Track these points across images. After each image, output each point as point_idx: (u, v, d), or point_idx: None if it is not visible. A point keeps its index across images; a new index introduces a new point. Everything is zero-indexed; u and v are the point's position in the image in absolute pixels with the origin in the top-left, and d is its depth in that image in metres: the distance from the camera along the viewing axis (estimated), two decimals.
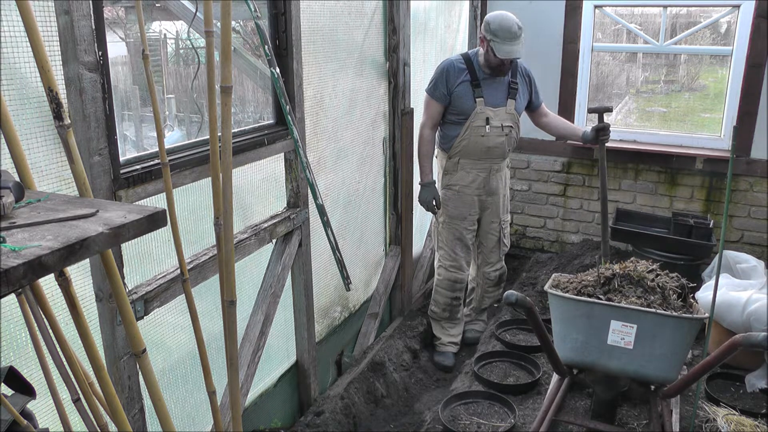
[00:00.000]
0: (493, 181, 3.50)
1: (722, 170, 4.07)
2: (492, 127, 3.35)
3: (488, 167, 3.47)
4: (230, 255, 1.70)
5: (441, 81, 3.35)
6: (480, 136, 3.36)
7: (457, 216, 3.53)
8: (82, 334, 1.29)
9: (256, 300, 2.57)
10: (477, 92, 3.33)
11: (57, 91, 1.26)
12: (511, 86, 3.41)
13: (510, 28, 3.14)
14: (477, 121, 3.34)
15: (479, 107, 3.33)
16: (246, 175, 2.46)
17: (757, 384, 3.03)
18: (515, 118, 3.44)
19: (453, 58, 3.42)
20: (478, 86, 3.33)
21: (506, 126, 3.39)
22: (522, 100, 3.47)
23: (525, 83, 3.49)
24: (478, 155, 3.42)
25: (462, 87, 3.33)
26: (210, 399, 1.78)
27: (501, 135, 3.39)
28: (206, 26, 1.58)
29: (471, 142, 3.38)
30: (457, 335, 3.80)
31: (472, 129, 3.35)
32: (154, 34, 5.15)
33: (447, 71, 3.34)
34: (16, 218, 1.03)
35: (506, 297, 2.21)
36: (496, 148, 3.41)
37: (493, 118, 3.35)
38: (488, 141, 3.38)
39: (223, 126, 1.65)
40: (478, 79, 3.34)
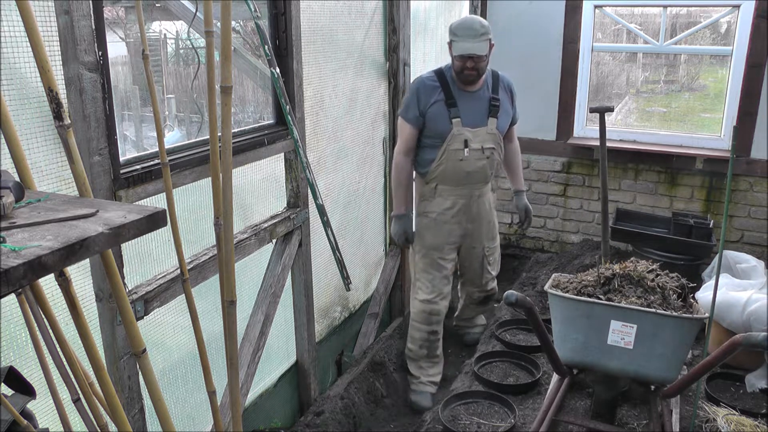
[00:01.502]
0: (475, 207, 3.16)
1: (722, 170, 4.07)
2: (471, 150, 3.00)
3: (468, 193, 3.12)
4: (230, 255, 1.70)
5: (413, 102, 3.01)
6: (458, 161, 3.01)
7: (433, 246, 3.18)
8: (82, 334, 1.29)
9: (256, 300, 2.57)
10: (453, 112, 2.97)
11: (57, 91, 1.26)
12: (492, 102, 3.05)
13: (471, 25, 2.86)
14: (454, 143, 2.99)
15: (456, 128, 2.98)
16: (246, 175, 2.46)
17: (757, 384, 3.03)
18: (497, 138, 3.08)
19: (424, 75, 3.08)
20: (453, 105, 2.97)
21: (487, 148, 3.04)
22: (505, 117, 3.11)
23: (508, 98, 3.14)
24: (456, 181, 3.07)
25: (436, 107, 2.97)
26: (210, 399, 1.78)
27: (481, 158, 3.04)
28: (206, 26, 1.58)
29: (448, 166, 3.03)
30: (436, 375, 3.38)
31: (449, 153, 3.00)
32: (154, 34, 5.15)
33: (418, 91, 3.00)
34: (16, 218, 1.03)
35: (506, 297, 2.17)
36: (477, 172, 3.07)
37: (472, 139, 3.00)
38: (467, 165, 3.02)
39: (223, 126, 1.65)
40: (454, 97, 2.98)
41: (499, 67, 4.90)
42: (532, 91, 4.50)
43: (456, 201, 3.11)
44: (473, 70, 2.90)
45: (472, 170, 3.05)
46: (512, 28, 4.47)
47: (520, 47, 4.47)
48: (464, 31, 2.85)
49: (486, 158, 3.05)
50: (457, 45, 2.87)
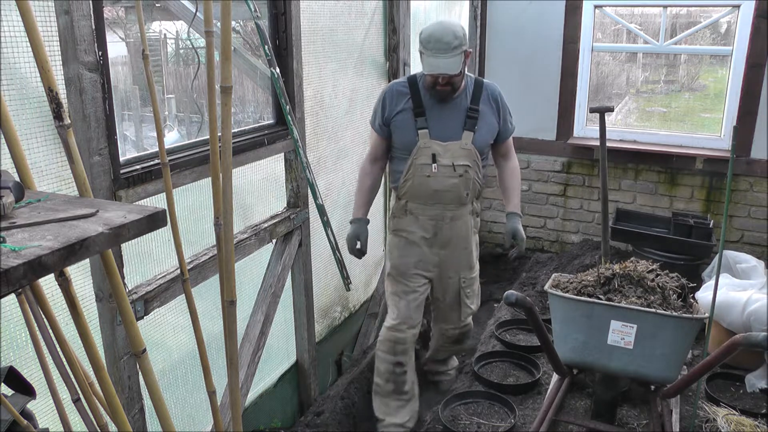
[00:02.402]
0: (447, 231, 2.79)
1: (722, 170, 4.07)
2: (441, 166, 2.66)
3: (440, 214, 2.76)
4: (230, 255, 1.69)
5: (378, 109, 2.74)
6: (425, 177, 2.68)
7: (400, 267, 2.85)
8: (82, 334, 1.29)
9: (256, 300, 2.57)
10: (420, 122, 2.66)
11: (57, 91, 1.26)
12: (470, 114, 2.68)
13: (441, 37, 2.46)
14: (421, 157, 2.67)
15: (422, 141, 2.65)
16: (246, 175, 2.46)
17: (757, 384, 3.03)
18: (474, 155, 2.69)
19: (396, 81, 2.82)
20: (421, 114, 2.66)
21: (459, 165, 2.67)
22: (486, 131, 2.72)
23: (492, 110, 2.73)
24: (425, 199, 2.74)
25: (402, 116, 2.68)
26: (210, 399, 1.78)
27: (452, 176, 2.68)
28: (206, 26, 1.58)
29: (416, 182, 2.71)
30: (405, 419, 2.91)
31: (415, 167, 2.68)
32: (154, 34, 5.15)
33: (384, 97, 2.72)
34: (16, 218, 1.03)
35: (506, 297, 2.14)
36: (447, 191, 2.71)
37: (441, 154, 2.65)
38: (435, 183, 2.68)
39: (223, 126, 1.65)
40: (422, 106, 2.66)
41: (500, 67, 4.92)
42: (532, 91, 4.51)
43: (426, 222, 2.78)
44: (446, 85, 2.57)
45: (442, 189, 2.70)
46: (512, 28, 4.47)
47: (520, 47, 4.47)
48: (434, 44, 2.47)
49: (458, 176, 2.68)
50: (426, 60, 2.52)
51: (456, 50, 2.47)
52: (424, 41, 2.50)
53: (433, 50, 2.47)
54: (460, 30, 2.52)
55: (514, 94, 4.55)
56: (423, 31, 2.55)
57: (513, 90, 4.56)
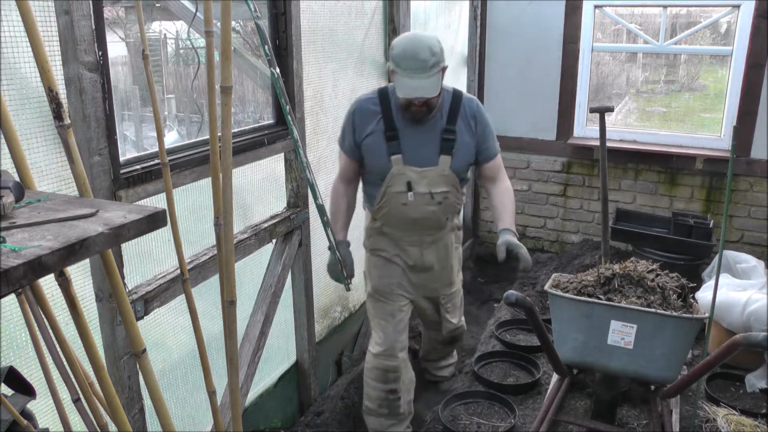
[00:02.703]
0: (428, 256, 2.61)
1: (722, 170, 4.08)
2: (417, 194, 2.41)
3: (418, 240, 2.57)
4: (230, 255, 1.69)
5: (347, 129, 2.47)
6: (401, 205, 2.45)
7: (381, 288, 2.65)
8: (82, 334, 1.29)
9: (256, 300, 2.57)
10: (392, 146, 2.38)
11: (57, 91, 1.26)
12: (445, 136, 2.39)
13: (416, 53, 2.18)
14: (395, 185, 2.42)
15: (396, 167, 2.39)
16: (246, 175, 2.46)
17: (757, 384, 3.03)
18: (452, 179, 2.44)
19: (366, 96, 2.48)
20: (393, 138, 2.37)
21: (438, 192, 2.43)
22: (463, 154, 2.44)
23: (470, 129, 2.44)
24: (402, 227, 2.54)
25: (372, 139, 2.41)
26: (210, 399, 1.77)
27: (431, 204, 2.45)
28: (206, 26, 1.58)
29: (391, 210, 2.48)
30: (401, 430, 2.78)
31: (390, 195, 2.45)
32: (154, 34, 5.15)
33: (353, 116, 2.45)
34: (16, 218, 1.03)
35: (506, 297, 2.11)
36: (426, 219, 2.49)
37: (417, 181, 2.40)
38: (413, 211, 2.46)
39: (223, 126, 1.65)
40: (395, 128, 2.38)
41: (499, 68, 4.92)
42: (531, 91, 4.51)
43: (405, 248, 2.60)
44: (422, 106, 2.29)
45: (420, 217, 2.48)
46: (512, 28, 4.47)
47: (520, 47, 4.47)
48: (409, 63, 2.19)
49: (437, 204, 2.46)
50: (399, 81, 2.22)
51: (434, 69, 2.20)
52: (397, 59, 2.21)
53: (408, 69, 2.19)
54: (437, 44, 2.24)
55: (514, 94, 4.57)
56: (394, 46, 2.26)
57: (513, 90, 4.58)
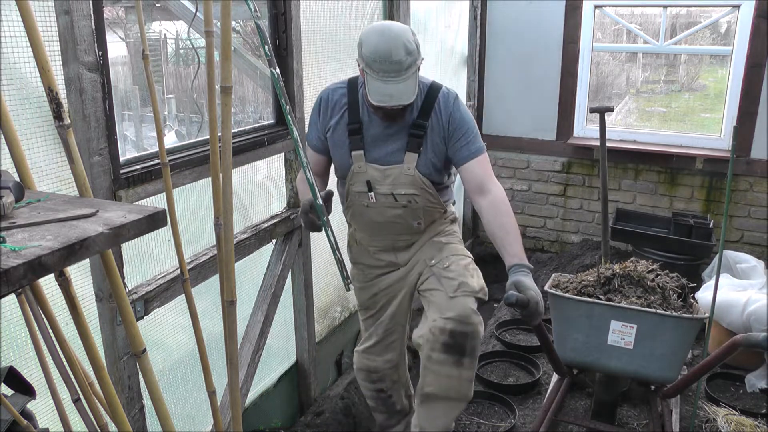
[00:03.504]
0: (406, 255, 2.32)
1: (722, 170, 4.08)
2: (379, 195, 2.16)
3: (390, 245, 2.30)
4: (230, 255, 1.69)
5: (313, 119, 2.24)
6: (363, 206, 2.21)
7: (366, 303, 2.46)
8: (82, 334, 1.29)
9: (256, 300, 2.57)
10: (353, 141, 2.14)
11: (57, 91, 1.26)
12: (413, 131, 2.11)
13: (389, 54, 1.89)
14: (356, 184, 2.19)
15: (356, 164, 2.15)
16: (246, 175, 2.46)
17: (757, 384, 3.04)
18: (419, 181, 2.14)
19: (334, 85, 2.22)
20: (356, 132, 2.13)
21: (402, 194, 2.15)
22: (432, 153, 2.13)
23: (441, 126, 2.11)
24: (369, 231, 2.30)
25: (336, 132, 2.17)
26: (210, 399, 1.77)
27: (395, 206, 2.18)
28: (206, 26, 1.58)
29: (356, 212, 2.27)
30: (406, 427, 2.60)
31: (352, 195, 2.22)
32: (154, 34, 5.15)
33: (319, 106, 2.21)
34: (16, 218, 1.03)
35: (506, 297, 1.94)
36: (392, 224, 2.22)
37: (379, 181, 2.15)
38: (375, 214, 2.21)
39: (223, 126, 1.65)
40: (359, 121, 2.13)
41: (499, 67, 4.91)
42: (531, 91, 4.51)
43: (378, 256, 2.35)
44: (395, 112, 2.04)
45: (383, 221, 2.22)
46: (512, 28, 4.47)
47: (520, 47, 4.48)
48: (381, 65, 1.91)
49: (402, 206, 2.18)
50: (370, 85, 1.94)
51: (410, 70, 1.92)
52: (368, 59, 1.93)
53: (381, 72, 1.91)
54: (412, 39, 1.94)
55: (514, 94, 4.57)
56: (363, 43, 1.96)
57: (513, 90, 4.58)
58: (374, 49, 1.91)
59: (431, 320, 2.12)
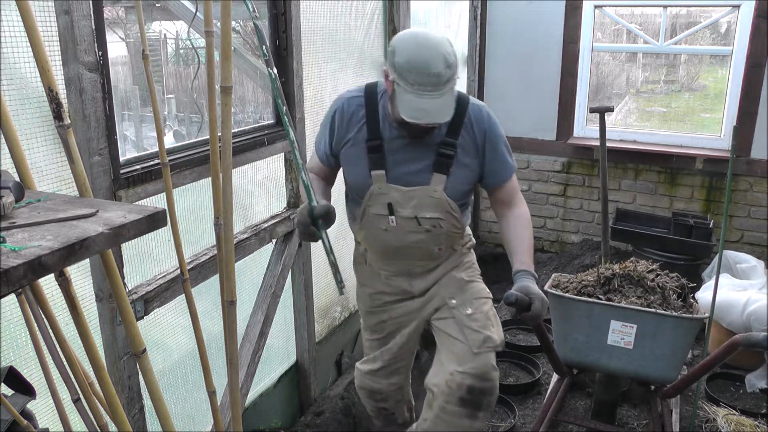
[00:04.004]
0: (421, 283, 2.12)
1: (722, 170, 4.07)
2: (401, 219, 1.96)
3: (405, 269, 2.11)
4: (230, 255, 1.70)
5: (325, 131, 2.03)
6: (381, 230, 2.01)
7: (373, 327, 2.27)
8: (82, 334, 1.29)
9: (256, 300, 2.57)
10: (374, 160, 1.92)
11: (57, 91, 1.26)
12: (442, 150, 1.90)
13: (428, 65, 1.69)
14: (375, 206, 1.98)
15: (377, 185, 1.94)
16: (246, 175, 2.46)
17: (757, 384, 3.04)
18: (446, 204, 1.95)
19: (351, 93, 2.00)
20: (377, 149, 1.92)
21: (427, 218, 1.96)
22: (463, 175, 1.95)
23: (475, 146, 1.94)
24: (385, 255, 2.10)
25: (352, 148, 1.97)
26: (210, 399, 1.78)
27: (417, 231, 1.99)
28: (206, 26, 1.58)
29: (370, 235, 2.05)
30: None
31: (369, 218, 2.01)
32: (154, 34, 5.15)
33: (333, 117, 2.00)
34: (16, 218, 1.03)
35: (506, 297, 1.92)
36: (412, 249, 2.03)
37: (401, 203, 1.94)
38: (395, 239, 2.01)
39: (223, 126, 1.65)
40: (380, 137, 1.92)
41: (499, 67, 4.91)
42: (531, 91, 4.51)
43: (391, 281, 2.15)
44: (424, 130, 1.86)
45: (403, 246, 2.02)
46: (512, 28, 4.47)
47: (520, 47, 4.47)
48: (417, 77, 1.69)
49: (424, 231, 1.99)
50: (403, 98, 1.72)
51: (448, 84, 1.73)
52: (402, 70, 1.71)
53: (416, 85, 1.69)
54: (451, 50, 1.75)
55: (514, 94, 4.57)
56: (397, 51, 1.74)
57: (513, 90, 4.58)
58: (410, 59, 1.70)
59: (448, 372, 2.01)
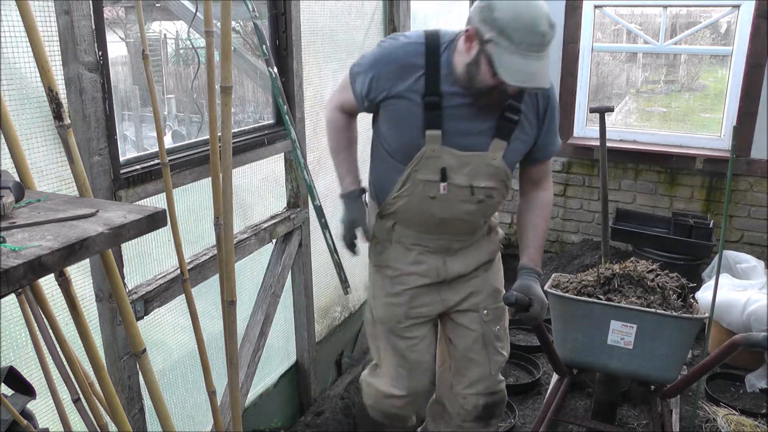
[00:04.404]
0: (456, 264, 1.96)
1: (722, 170, 4.07)
2: (453, 186, 1.79)
3: (444, 245, 1.93)
4: (230, 255, 1.70)
5: (366, 74, 1.80)
6: (428, 199, 1.82)
7: (389, 322, 2.00)
8: (82, 334, 1.29)
9: (256, 300, 2.57)
10: (431, 117, 1.73)
11: (57, 91, 1.26)
12: (507, 115, 1.77)
13: (534, 24, 1.55)
14: (424, 170, 1.79)
15: (429, 146, 1.76)
16: (246, 175, 2.46)
17: (757, 384, 3.04)
18: (503, 174, 1.83)
19: (408, 38, 1.79)
20: (435, 106, 1.73)
21: (481, 187, 1.81)
22: (521, 143, 1.83)
23: (536, 115, 1.83)
24: (423, 228, 1.90)
25: (404, 101, 1.75)
26: (210, 399, 1.78)
27: (469, 201, 1.82)
28: (206, 26, 1.58)
29: (412, 204, 1.84)
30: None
31: (414, 183, 1.81)
32: (154, 34, 5.15)
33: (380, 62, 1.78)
34: (16, 218, 1.03)
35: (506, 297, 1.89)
36: (458, 222, 1.87)
37: (455, 169, 1.78)
38: (442, 209, 1.83)
39: (223, 126, 1.65)
40: (439, 92, 1.73)
41: None
42: None
43: (423, 258, 1.94)
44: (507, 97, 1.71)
45: (450, 217, 1.85)
46: None
47: None
48: (524, 36, 1.55)
49: (476, 202, 1.83)
50: (504, 60, 1.56)
51: (549, 46, 1.60)
52: (507, 27, 1.54)
53: (522, 45, 1.54)
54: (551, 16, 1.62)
55: None
56: (497, 6, 1.56)
57: None
58: (516, 15, 1.55)
59: (462, 395, 2.03)
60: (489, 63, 1.59)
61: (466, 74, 1.68)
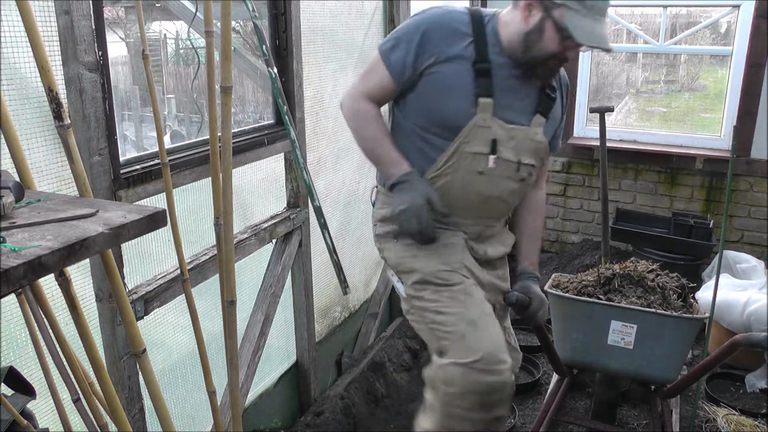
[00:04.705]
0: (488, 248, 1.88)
1: (722, 170, 4.07)
2: (502, 160, 1.73)
3: (478, 232, 1.84)
4: (230, 255, 1.70)
5: (407, 41, 1.71)
6: (475, 174, 1.73)
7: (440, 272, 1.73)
8: (82, 334, 1.29)
9: (256, 300, 2.57)
10: (483, 85, 1.68)
11: (57, 91, 1.26)
12: (548, 92, 1.80)
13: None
14: (474, 142, 1.71)
15: (482, 115, 1.69)
16: (246, 175, 2.46)
17: (757, 384, 3.04)
18: (542, 150, 1.83)
19: (451, 8, 1.77)
20: (487, 74, 1.69)
21: (526, 164, 1.78)
22: (552, 123, 1.87)
23: (561, 97, 1.89)
24: (464, 208, 1.79)
25: (454, 66, 1.69)
26: (210, 399, 1.78)
27: (513, 178, 1.78)
28: (206, 26, 1.59)
29: (455, 181, 1.74)
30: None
31: (462, 157, 1.72)
32: (154, 34, 5.15)
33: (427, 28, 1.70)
34: (16, 218, 1.03)
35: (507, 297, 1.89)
36: (500, 201, 1.81)
37: (504, 142, 1.72)
38: (487, 186, 1.75)
39: (223, 126, 1.65)
40: (489, 61, 1.69)
41: None
42: None
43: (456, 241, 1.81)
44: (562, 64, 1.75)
45: (494, 196, 1.78)
46: None
47: None
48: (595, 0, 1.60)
49: (519, 180, 1.79)
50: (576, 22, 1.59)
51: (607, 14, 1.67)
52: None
53: (593, 10, 1.60)
54: None
55: None
56: None
57: None
58: None
59: None
60: (556, 28, 1.62)
61: (523, 43, 1.67)
